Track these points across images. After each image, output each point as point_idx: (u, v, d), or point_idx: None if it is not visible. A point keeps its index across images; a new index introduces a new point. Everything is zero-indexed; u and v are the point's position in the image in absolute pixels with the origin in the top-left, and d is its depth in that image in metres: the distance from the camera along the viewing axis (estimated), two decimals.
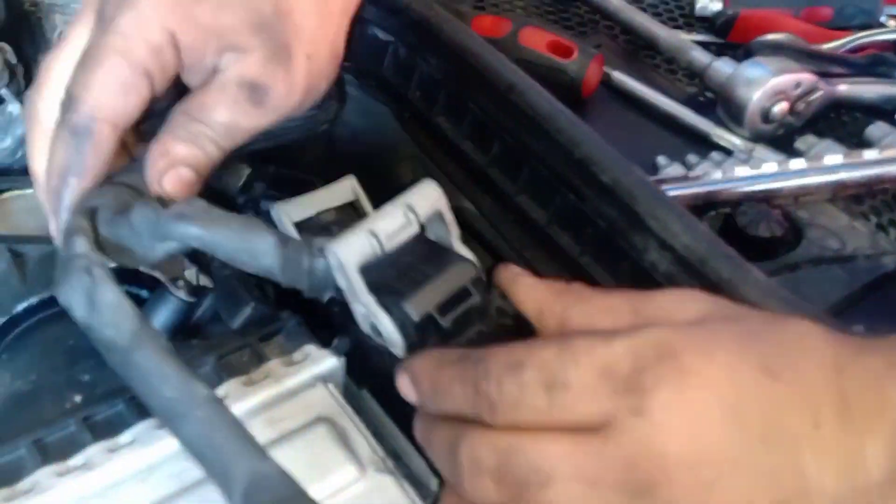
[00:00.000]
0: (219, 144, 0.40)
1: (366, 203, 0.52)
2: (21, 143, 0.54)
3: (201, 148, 0.40)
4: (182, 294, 0.42)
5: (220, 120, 0.40)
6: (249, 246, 0.37)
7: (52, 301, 0.43)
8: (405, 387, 0.37)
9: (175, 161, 0.39)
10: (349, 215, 0.51)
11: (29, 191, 0.52)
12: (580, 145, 0.45)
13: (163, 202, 0.40)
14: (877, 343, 0.32)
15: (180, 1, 0.39)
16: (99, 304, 0.35)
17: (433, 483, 0.40)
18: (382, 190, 0.44)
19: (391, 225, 0.39)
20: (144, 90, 0.39)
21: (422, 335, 0.38)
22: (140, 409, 0.39)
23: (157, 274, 0.41)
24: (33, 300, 0.43)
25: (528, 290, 0.39)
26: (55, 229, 0.39)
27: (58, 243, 0.40)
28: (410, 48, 0.55)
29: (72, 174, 0.39)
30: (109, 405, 0.39)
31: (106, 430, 0.38)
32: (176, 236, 0.38)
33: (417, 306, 0.37)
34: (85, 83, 0.38)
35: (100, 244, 0.39)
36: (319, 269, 0.38)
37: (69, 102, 0.39)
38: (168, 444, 0.37)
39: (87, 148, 0.38)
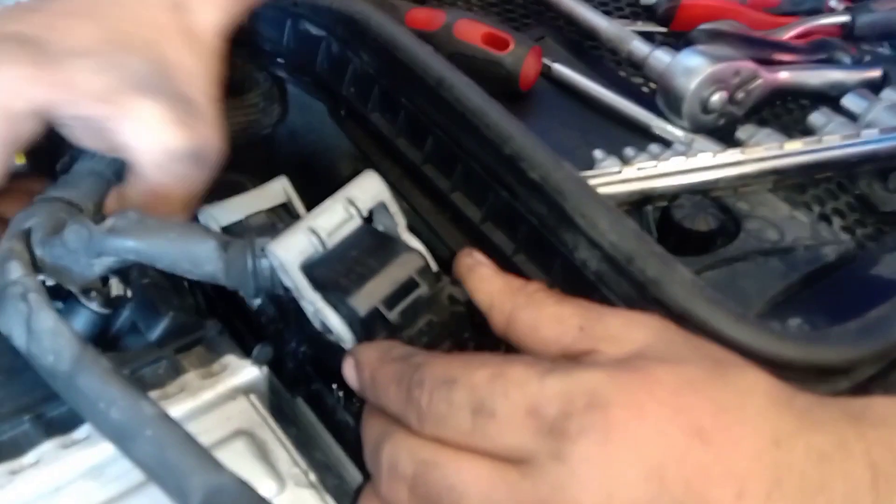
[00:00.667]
0: None
1: (298, 204, 0.50)
2: None
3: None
4: (95, 306, 0.41)
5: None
6: (190, 253, 0.37)
7: None
8: (349, 372, 0.37)
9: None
10: (281, 217, 0.50)
11: None
12: (509, 141, 0.44)
13: (97, 217, 0.40)
14: (826, 413, 0.31)
15: (47, 66, 0.38)
16: (37, 332, 0.35)
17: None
18: (324, 188, 0.43)
19: (331, 220, 0.38)
20: (30, 128, 0.39)
21: (369, 329, 0.37)
22: (47, 428, 0.38)
23: (69, 286, 0.39)
24: None
25: (483, 282, 0.39)
26: None
27: None
28: (342, 43, 0.53)
29: None
30: (14, 424, 0.38)
31: (9, 450, 0.37)
32: (112, 251, 0.38)
33: (363, 301, 0.37)
34: None
35: (36, 265, 0.38)
36: (264, 269, 0.37)
37: None
38: (75, 463, 0.37)
39: None
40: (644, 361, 0.31)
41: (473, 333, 0.40)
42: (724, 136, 0.55)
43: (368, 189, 0.40)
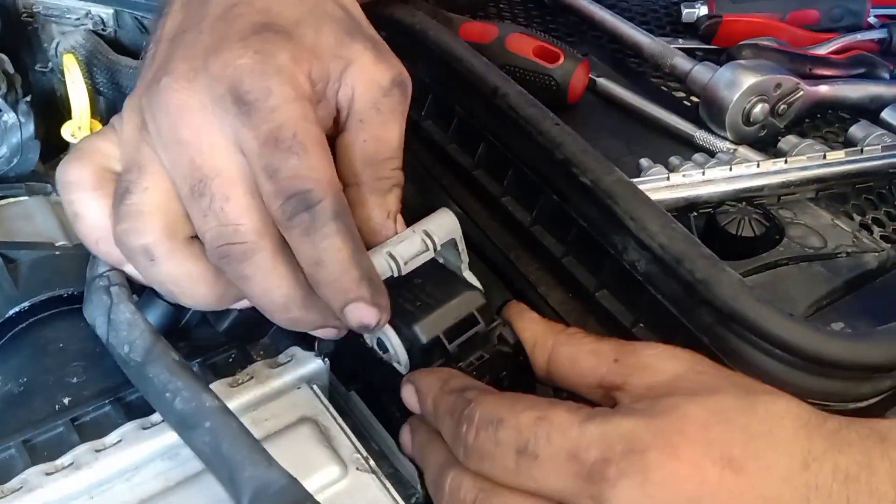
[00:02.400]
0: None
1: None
2: (16, 151, 0.55)
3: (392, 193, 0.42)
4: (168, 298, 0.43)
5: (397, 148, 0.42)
6: None
7: (43, 305, 0.44)
8: (409, 398, 0.39)
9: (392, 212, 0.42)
10: None
11: (23, 198, 0.53)
12: (561, 146, 0.46)
13: None
14: (854, 433, 0.32)
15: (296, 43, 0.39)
16: (115, 323, 0.38)
17: (418, 484, 0.41)
18: None
19: (410, 250, 0.41)
20: None
21: (427, 356, 0.39)
22: (127, 410, 0.40)
23: None
24: (25, 304, 0.44)
25: (529, 324, 0.42)
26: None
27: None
28: (399, 51, 0.55)
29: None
30: (97, 406, 0.40)
31: (93, 430, 0.39)
32: None
33: (428, 330, 0.39)
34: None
35: None
36: None
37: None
38: (153, 444, 0.38)
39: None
40: (675, 399, 0.33)
41: (511, 373, 0.42)
42: (766, 147, 0.56)
43: (444, 225, 0.43)
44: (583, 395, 0.39)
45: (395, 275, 0.40)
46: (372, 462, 0.40)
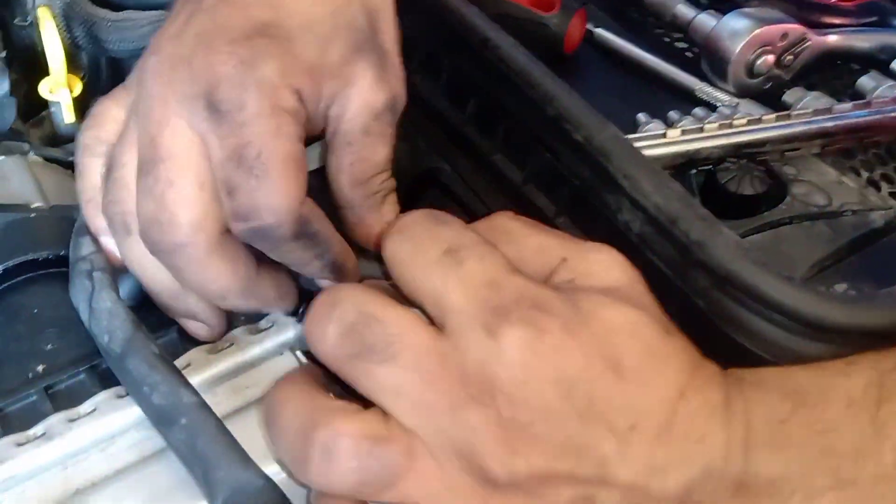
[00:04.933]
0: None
1: None
2: None
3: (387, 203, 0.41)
4: None
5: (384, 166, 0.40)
6: None
7: (16, 269, 0.42)
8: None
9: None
10: None
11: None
12: (553, 101, 0.44)
13: None
14: (730, 377, 0.33)
15: (290, 51, 0.36)
16: (97, 311, 0.37)
17: None
18: None
19: None
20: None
21: None
22: (101, 378, 0.39)
23: None
24: None
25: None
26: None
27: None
28: None
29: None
30: (71, 374, 0.39)
31: (67, 399, 0.38)
32: None
33: None
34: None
35: None
36: None
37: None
38: (129, 413, 0.37)
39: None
40: (604, 298, 0.34)
41: None
42: (771, 100, 0.54)
43: None
44: None
45: None
46: None
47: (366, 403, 0.34)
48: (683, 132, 0.47)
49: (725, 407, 0.32)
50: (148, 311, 0.40)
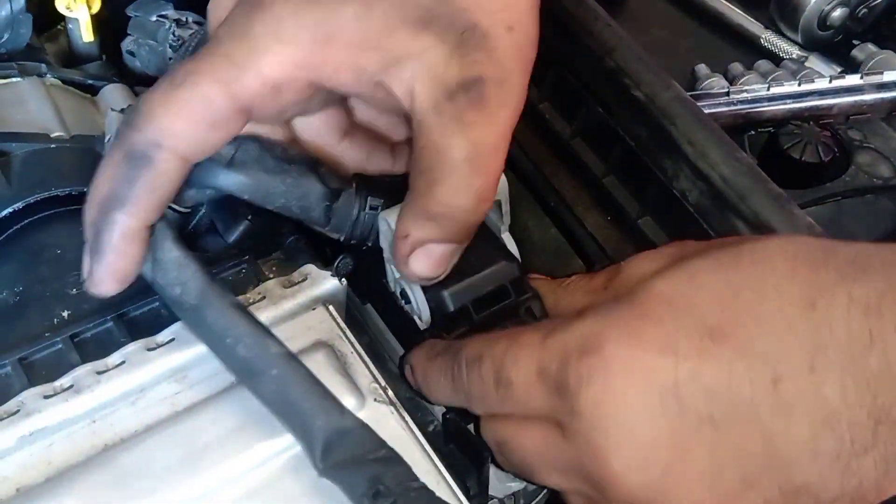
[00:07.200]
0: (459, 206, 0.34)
1: None
2: (6, 26, 0.50)
3: (446, 218, 0.34)
4: (175, 204, 0.40)
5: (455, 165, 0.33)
6: (302, 199, 0.37)
7: (38, 205, 0.40)
8: (409, 376, 0.38)
9: (419, 242, 0.35)
10: None
11: (16, 79, 0.49)
12: (613, 52, 0.41)
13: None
14: (877, 258, 0.26)
15: (321, 21, 0.32)
16: (162, 262, 0.35)
17: (434, 407, 0.39)
18: None
19: None
20: (236, 127, 0.33)
21: (451, 323, 0.37)
22: (129, 328, 0.38)
23: None
24: (18, 204, 0.40)
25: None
26: (87, 269, 0.33)
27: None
28: None
29: (117, 208, 0.32)
30: (98, 323, 0.38)
31: (94, 349, 0.37)
32: (225, 186, 0.36)
33: (457, 298, 0.37)
34: (164, 100, 0.31)
35: None
36: (366, 223, 0.38)
37: (134, 116, 0.32)
38: (159, 365, 0.36)
39: (140, 180, 0.32)
40: (639, 285, 0.29)
41: None
42: (837, 53, 0.51)
43: None
44: None
45: None
46: (390, 392, 0.38)
47: None
48: (748, 92, 0.44)
49: (892, 297, 0.25)
50: None
